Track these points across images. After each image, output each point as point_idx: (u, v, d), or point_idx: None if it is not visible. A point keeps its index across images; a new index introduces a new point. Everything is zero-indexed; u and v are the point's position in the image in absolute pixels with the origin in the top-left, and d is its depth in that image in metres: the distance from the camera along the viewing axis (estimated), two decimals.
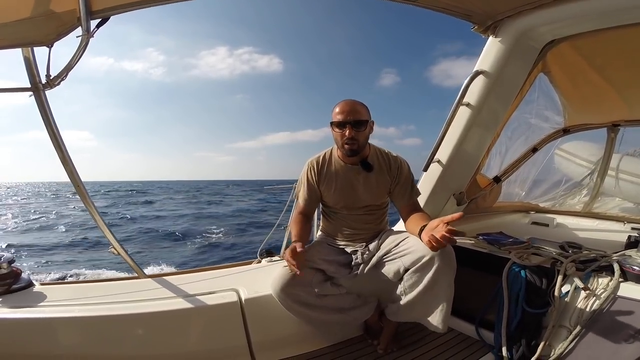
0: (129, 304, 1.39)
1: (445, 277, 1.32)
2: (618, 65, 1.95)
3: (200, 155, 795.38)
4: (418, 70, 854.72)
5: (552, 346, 1.29)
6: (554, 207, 3.05)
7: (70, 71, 1.40)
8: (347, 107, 1.46)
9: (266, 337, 1.51)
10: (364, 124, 1.48)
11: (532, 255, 1.55)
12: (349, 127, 1.44)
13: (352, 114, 1.45)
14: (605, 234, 2.29)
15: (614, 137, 2.75)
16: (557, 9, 1.47)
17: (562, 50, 1.80)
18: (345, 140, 1.46)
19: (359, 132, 1.47)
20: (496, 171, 2.43)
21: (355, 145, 1.48)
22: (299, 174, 1.73)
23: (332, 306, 1.52)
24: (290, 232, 1.63)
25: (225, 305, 1.45)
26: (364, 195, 1.59)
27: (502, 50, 1.69)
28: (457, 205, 2.07)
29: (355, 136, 1.46)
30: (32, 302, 1.37)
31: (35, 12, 1.18)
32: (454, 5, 1.53)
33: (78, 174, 1.56)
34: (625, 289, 1.22)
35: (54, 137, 1.49)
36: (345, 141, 1.47)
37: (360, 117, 1.46)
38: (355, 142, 1.47)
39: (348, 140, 1.46)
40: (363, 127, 1.47)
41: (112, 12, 1.32)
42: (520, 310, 1.39)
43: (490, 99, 1.78)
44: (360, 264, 1.55)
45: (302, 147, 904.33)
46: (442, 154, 1.90)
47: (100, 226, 1.64)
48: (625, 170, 3.09)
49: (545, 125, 2.62)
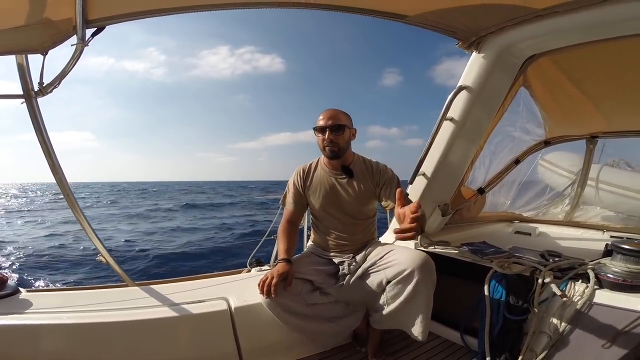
0: (117, 312, 1.39)
1: (425, 290, 1.37)
2: (596, 79, 2.04)
3: (202, 155, 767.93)
4: (421, 69, 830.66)
5: (534, 351, 1.34)
6: (537, 217, 3.13)
7: (63, 79, 1.41)
8: (328, 114, 1.59)
9: (256, 345, 1.52)
10: (342, 128, 1.58)
11: (513, 264, 1.60)
12: (328, 131, 1.55)
13: (332, 119, 1.58)
14: (585, 242, 2.36)
15: (593, 148, 2.85)
16: (537, 25, 1.54)
17: (542, 64, 1.87)
18: (326, 143, 1.57)
19: (338, 135, 1.57)
20: (480, 183, 2.49)
21: (336, 148, 1.58)
22: None
23: (321, 315, 1.55)
24: (277, 244, 1.68)
25: (214, 314, 1.45)
26: (347, 200, 1.64)
27: (485, 66, 1.75)
28: (442, 216, 2.12)
29: (335, 139, 1.56)
30: (18, 309, 1.35)
31: (32, 20, 1.19)
32: (439, 22, 1.59)
33: (68, 182, 1.55)
34: (601, 295, 1.27)
35: (45, 144, 1.49)
36: (326, 144, 1.57)
37: (339, 122, 1.58)
38: (335, 144, 1.57)
39: (328, 142, 1.57)
40: (341, 131, 1.58)
41: (108, 22, 1.32)
42: (502, 317, 1.44)
43: (473, 114, 1.83)
44: (347, 274, 1.59)
45: (304, 148, 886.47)
46: (427, 167, 1.95)
47: (89, 234, 1.63)
48: (604, 180, 3.20)
49: (527, 138, 2.70)
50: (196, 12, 1.46)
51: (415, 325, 1.40)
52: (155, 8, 1.36)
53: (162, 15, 1.40)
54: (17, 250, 8.59)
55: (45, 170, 1.53)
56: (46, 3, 1.16)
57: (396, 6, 1.48)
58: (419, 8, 1.47)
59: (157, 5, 1.36)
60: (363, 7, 1.47)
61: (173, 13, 1.41)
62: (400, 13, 1.50)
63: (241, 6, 1.45)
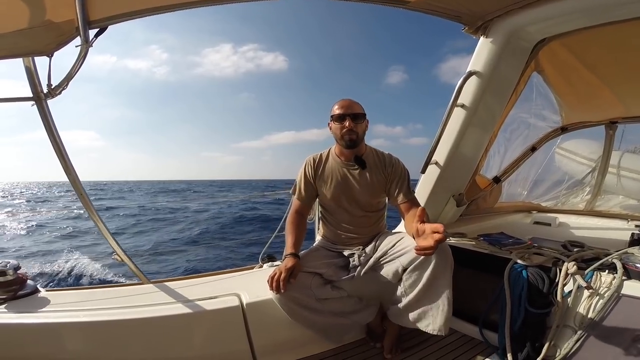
0: (132, 309, 1.41)
1: (444, 273, 1.33)
2: (609, 63, 1.96)
3: (207, 155, 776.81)
4: (426, 67, 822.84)
5: (558, 346, 1.29)
6: (556, 206, 3.05)
7: (70, 80, 1.42)
8: (346, 103, 1.58)
9: (268, 341, 1.51)
10: (362, 117, 1.58)
11: (533, 255, 1.55)
12: (348, 119, 1.54)
13: (351, 108, 1.57)
14: (609, 232, 2.28)
15: (613, 135, 2.76)
16: (544, 8, 1.49)
17: (554, 48, 1.81)
18: (345, 132, 1.54)
19: (358, 124, 1.56)
20: (496, 171, 2.43)
21: (355, 136, 1.55)
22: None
23: (333, 310, 1.53)
24: (286, 238, 1.65)
25: (227, 310, 1.46)
26: (359, 191, 1.61)
27: (494, 50, 1.70)
28: (457, 206, 2.07)
29: (355, 128, 1.54)
30: (37, 308, 1.39)
31: (34, 22, 1.20)
32: (443, 7, 1.54)
33: (81, 182, 1.57)
34: (629, 287, 1.21)
35: (57, 145, 1.50)
36: (345, 132, 1.55)
37: (359, 111, 1.58)
38: (355, 133, 1.55)
39: (348, 131, 1.54)
40: (361, 120, 1.58)
41: (110, 22, 1.33)
42: (523, 311, 1.38)
43: (484, 99, 1.79)
44: (358, 266, 1.56)
45: (308, 147, 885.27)
46: (439, 155, 1.91)
47: (103, 234, 1.65)
48: (626, 167, 3.10)
49: (542, 124, 2.63)
50: (197, 9, 1.45)
51: (437, 316, 1.35)
52: (155, 6, 1.37)
53: (162, 12, 1.41)
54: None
55: (54, 170, 1.54)
56: (47, 5, 1.17)
57: None
58: None
59: (157, 3, 1.36)
60: None
61: (174, 10, 1.41)
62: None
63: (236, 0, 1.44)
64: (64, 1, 1.16)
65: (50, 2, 1.16)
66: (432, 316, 1.37)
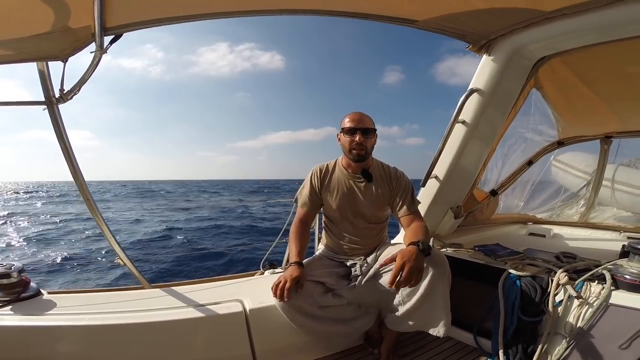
0: (135, 313, 1.42)
1: (441, 284, 1.37)
2: (608, 80, 2.02)
3: (202, 155, 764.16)
4: (424, 67, 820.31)
5: (549, 353, 1.33)
6: (551, 218, 3.10)
7: (83, 85, 1.45)
8: (358, 117, 1.60)
9: (270, 347, 1.53)
10: (373, 132, 1.61)
11: (527, 266, 1.59)
12: (359, 133, 1.56)
13: (362, 122, 1.59)
14: (601, 243, 2.33)
15: (607, 149, 2.82)
16: (546, 27, 1.54)
17: (553, 66, 1.87)
18: (354, 145, 1.57)
19: (368, 139, 1.58)
20: (493, 184, 2.48)
21: (363, 151, 1.58)
22: (300, 174, 1.79)
23: (334, 317, 1.56)
24: (289, 247, 1.68)
25: (230, 316, 1.48)
26: (364, 204, 1.64)
27: (496, 68, 1.75)
28: (454, 218, 2.11)
29: (364, 143, 1.57)
30: (40, 311, 1.39)
31: (53, 27, 1.22)
32: (449, 26, 1.60)
33: (88, 187, 1.60)
34: (617, 297, 1.26)
35: (66, 150, 1.53)
36: (354, 146, 1.57)
37: (370, 126, 1.60)
38: (364, 148, 1.58)
39: (357, 145, 1.56)
40: (371, 135, 1.60)
41: (126, 29, 1.35)
42: (516, 319, 1.43)
43: (484, 116, 1.83)
44: (359, 275, 1.60)
45: (304, 147, 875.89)
46: (440, 169, 1.96)
47: (107, 237, 1.68)
48: (620, 180, 3.16)
49: (539, 139, 2.68)
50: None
51: (435, 322, 1.39)
52: (170, 16, 1.40)
53: (177, 22, 1.43)
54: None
55: (53, 171, 1.55)
56: (66, 11, 1.19)
57: (405, 11, 1.49)
58: (428, 13, 1.48)
59: (172, 13, 1.39)
60: (373, 12, 1.49)
61: (188, 20, 1.44)
62: (410, 18, 1.52)
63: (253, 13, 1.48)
64: (83, 7, 1.18)
65: (69, 8, 1.18)
66: (430, 322, 1.41)
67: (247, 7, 1.44)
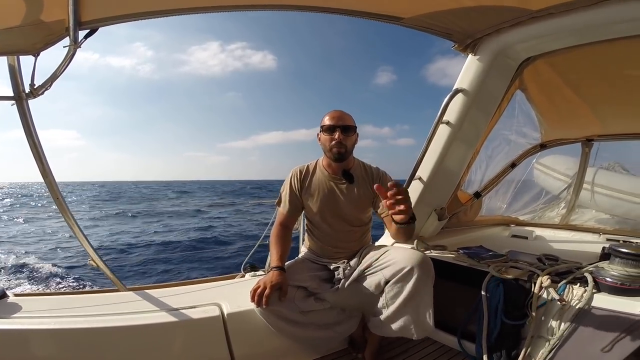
0: (108, 317, 1.36)
1: (425, 287, 1.36)
2: (591, 82, 2.04)
3: (191, 155, 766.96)
4: (415, 68, 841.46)
5: (532, 356, 1.32)
6: (533, 220, 3.14)
7: (55, 80, 1.39)
8: (337, 114, 1.57)
9: (250, 351, 1.49)
10: (353, 130, 1.57)
11: (510, 269, 1.59)
12: (338, 131, 1.53)
13: (342, 119, 1.55)
14: (582, 245, 2.36)
15: (588, 152, 2.88)
16: (533, 27, 1.53)
17: (538, 67, 1.87)
18: (334, 144, 1.53)
19: (347, 137, 1.55)
20: (477, 187, 2.49)
21: (343, 149, 1.54)
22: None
23: (316, 322, 1.52)
24: (270, 251, 1.63)
25: (207, 320, 1.43)
26: (346, 205, 1.61)
27: (481, 68, 1.75)
28: (438, 220, 2.10)
29: (344, 141, 1.53)
30: (5, 314, 1.32)
31: (25, 21, 1.17)
32: (435, 24, 1.58)
33: (58, 186, 1.53)
34: (599, 299, 1.26)
35: (35, 147, 1.47)
36: (334, 144, 1.53)
37: (350, 123, 1.56)
38: (344, 146, 1.54)
39: (337, 143, 1.53)
40: (351, 133, 1.57)
41: (101, 24, 1.31)
42: (500, 322, 1.42)
43: (469, 117, 1.83)
44: (342, 279, 1.56)
45: (295, 147, 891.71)
46: (423, 171, 1.94)
47: (79, 238, 1.61)
48: (600, 183, 3.24)
49: (523, 141, 2.71)
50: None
51: (417, 323, 1.38)
52: (148, 10, 1.35)
53: (154, 17, 1.38)
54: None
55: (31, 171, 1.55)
56: (38, 5, 1.14)
57: (391, 8, 1.47)
58: (414, 10, 1.46)
59: (150, 8, 1.35)
60: (358, 9, 1.46)
61: (166, 15, 1.39)
62: (396, 15, 1.50)
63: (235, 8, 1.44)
64: (57, 1, 1.14)
65: (42, 2, 1.13)
66: (413, 326, 1.39)
67: (229, 2, 1.39)
